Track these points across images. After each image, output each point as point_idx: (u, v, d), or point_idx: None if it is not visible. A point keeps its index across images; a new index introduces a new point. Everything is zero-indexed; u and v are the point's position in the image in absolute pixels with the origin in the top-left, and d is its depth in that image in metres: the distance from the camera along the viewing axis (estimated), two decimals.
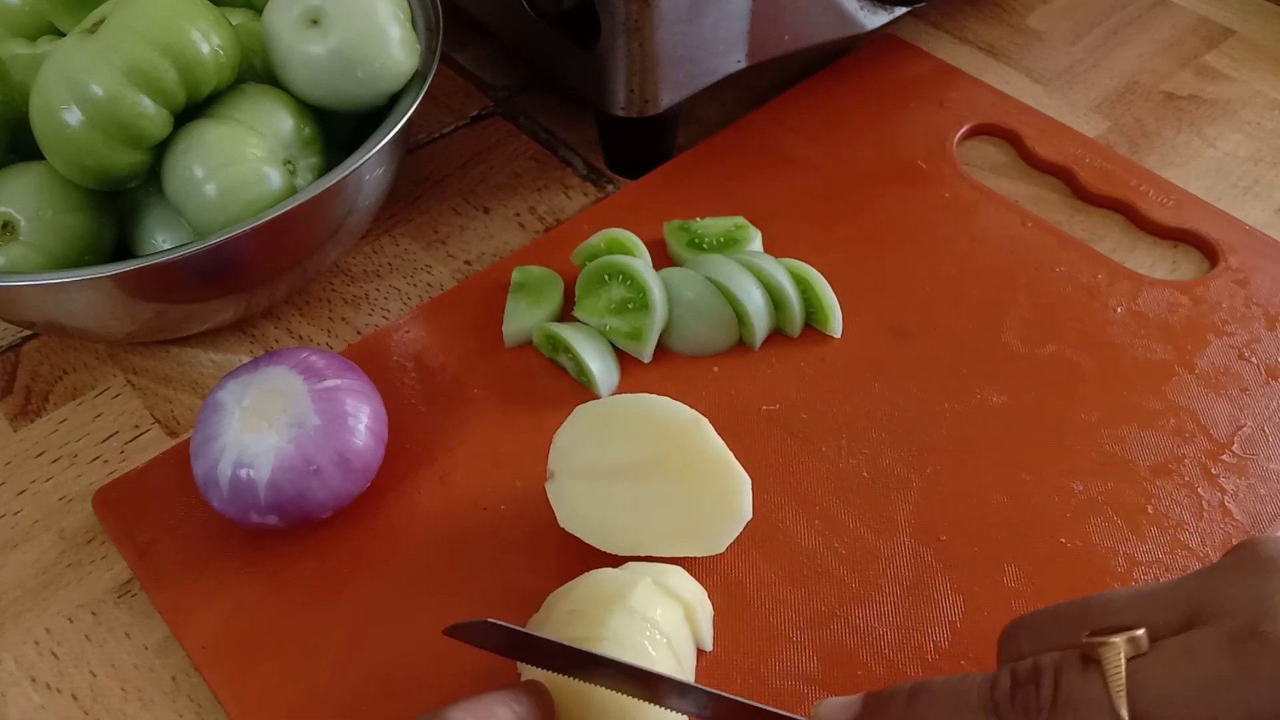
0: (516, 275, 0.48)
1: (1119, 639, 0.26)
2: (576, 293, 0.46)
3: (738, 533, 0.37)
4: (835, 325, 0.46)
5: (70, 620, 0.40)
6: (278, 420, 0.38)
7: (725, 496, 0.37)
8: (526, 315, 0.46)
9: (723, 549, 0.37)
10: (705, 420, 0.37)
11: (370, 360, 0.46)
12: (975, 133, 0.57)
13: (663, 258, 0.49)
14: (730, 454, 0.37)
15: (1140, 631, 0.26)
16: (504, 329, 0.47)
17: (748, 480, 0.37)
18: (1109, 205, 0.53)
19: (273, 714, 0.36)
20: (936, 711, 0.29)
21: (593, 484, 0.37)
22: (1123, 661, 0.26)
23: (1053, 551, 0.39)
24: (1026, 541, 0.40)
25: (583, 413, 0.38)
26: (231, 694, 0.36)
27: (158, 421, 0.46)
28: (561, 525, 0.38)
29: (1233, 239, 0.50)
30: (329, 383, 0.39)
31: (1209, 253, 0.50)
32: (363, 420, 0.39)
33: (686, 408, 0.38)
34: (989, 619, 0.38)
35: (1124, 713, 0.25)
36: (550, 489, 0.38)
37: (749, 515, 0.37)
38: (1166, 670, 0.25)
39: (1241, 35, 0.64)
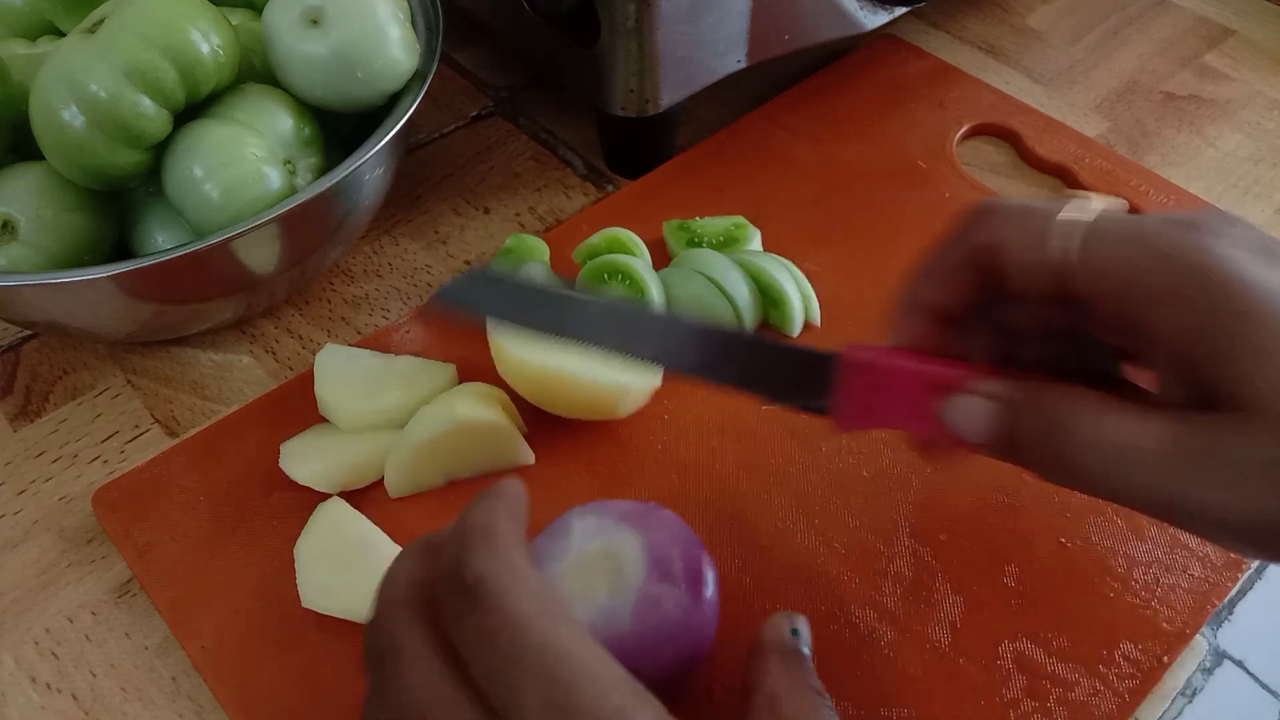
0: (509, 241, 0.49)
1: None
2: None
3: None
4: (811, 315, 0.47)
5: (70, 620, 0.40)
6: (598, 590, 0.33)
7: None
8: None
9: None
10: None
11: None
12: (975, 133, 0.57)
13: (663, 258, 0.49)
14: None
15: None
16: None
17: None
18: None
19: (273, 714, 0.36)
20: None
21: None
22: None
23: (1052, 551, 0.39)
24: (1026, 541, 0.40)
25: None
26: (231, 694, 0.36)
27: (158, 421, 0.46)
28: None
29: None
30: (667, 589, 0.33)
31: None
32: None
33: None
34: (989, 619, 0.38)
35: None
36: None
37: None
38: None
39: (1241, 35, 0.64)
